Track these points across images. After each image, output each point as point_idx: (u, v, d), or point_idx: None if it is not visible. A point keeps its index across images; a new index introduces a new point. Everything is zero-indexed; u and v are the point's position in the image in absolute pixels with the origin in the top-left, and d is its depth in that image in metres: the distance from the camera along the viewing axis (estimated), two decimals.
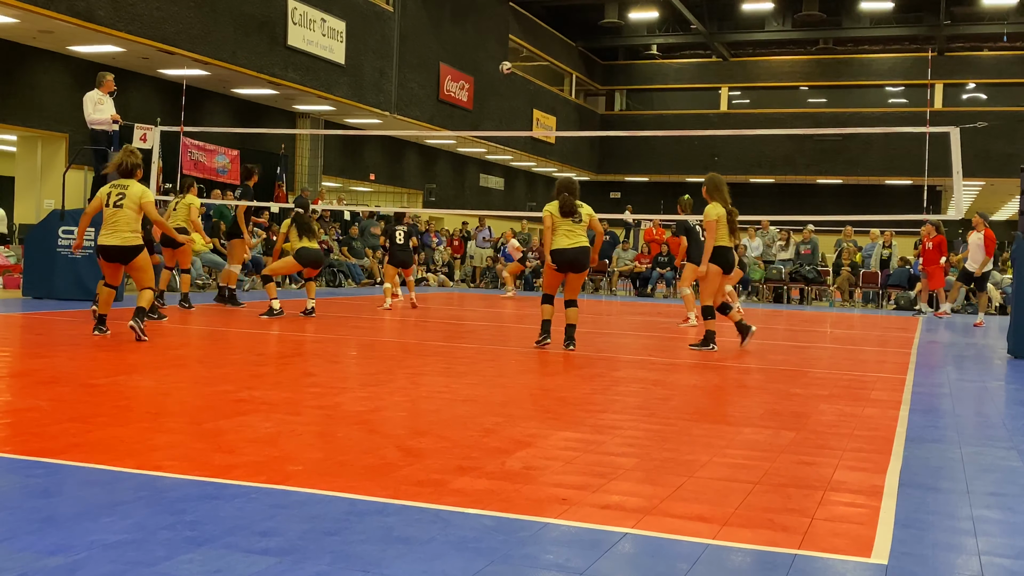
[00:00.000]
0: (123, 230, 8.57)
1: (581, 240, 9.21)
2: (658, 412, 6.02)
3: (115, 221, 8.56)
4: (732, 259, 9.86)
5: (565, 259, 9.20)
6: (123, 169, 8.78)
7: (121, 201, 8.58)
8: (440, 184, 29.90)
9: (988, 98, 34.02)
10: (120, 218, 8.55)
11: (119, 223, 8.55)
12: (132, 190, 8.63)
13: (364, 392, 6.28)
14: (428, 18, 25.39)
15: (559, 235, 9.19)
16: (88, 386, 6.07)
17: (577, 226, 9.20)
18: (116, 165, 8.83)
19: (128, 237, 8.59)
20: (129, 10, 16.12)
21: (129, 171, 8.76)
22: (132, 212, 8.58)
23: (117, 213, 8.55)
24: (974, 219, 16.54)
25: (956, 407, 6.86)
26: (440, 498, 3.69)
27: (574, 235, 9.19)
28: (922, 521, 3.70)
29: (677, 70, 37.70)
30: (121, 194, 8.62)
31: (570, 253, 9.17)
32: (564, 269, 9.26)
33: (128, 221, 8.57)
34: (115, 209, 8.56)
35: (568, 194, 9.26)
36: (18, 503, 3.46)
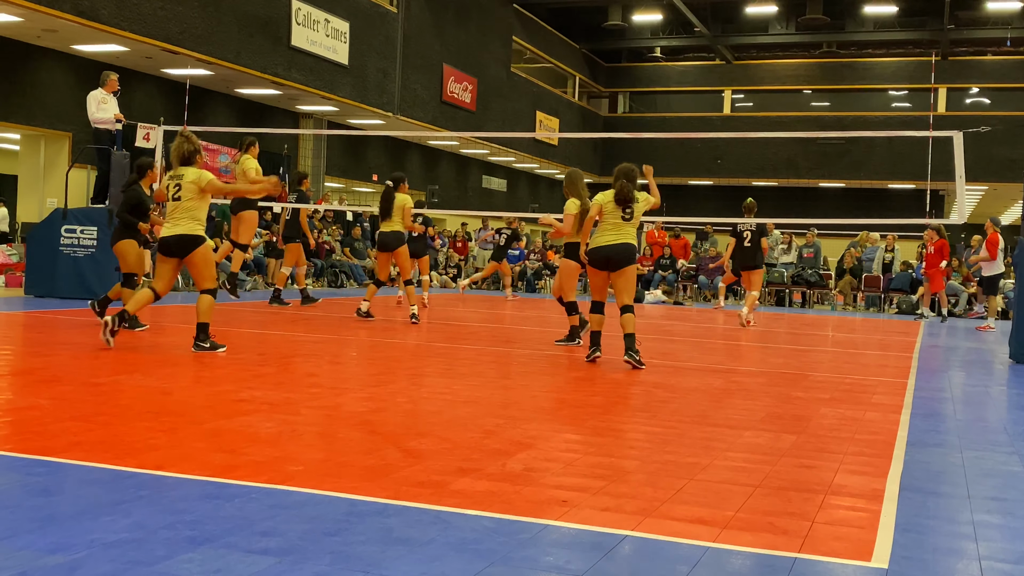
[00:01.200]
0: (183, 221, 8.01)
1: (626, 237, 8.37)
2: (659, 415, 6.02)
3: (175, 214, 8.03)
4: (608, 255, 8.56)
5: (600, 256, 8.39)
6: (183, 158, 8.19)
7: (178, 193, 8.03)
8: (442, 185, 29.91)
9: (991, 102, 34.00)
10: (180, 209, 8.02)
11: (178, 214, 8.02)
12: (187, 177, 8.06)
13: (365, 393, 6.28)
14: (432, 19, 25.40)
15: (602, 230, 8.39)
16: (89, 385, 6.07)
17: (625, 224, 8.37)
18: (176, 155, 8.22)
19: (188, 227, 7.99)
20: (133, 9, 16.13)
21: (187, 159, 8.18)
22: (193, 200, 8.01)
23: (177, 206, 8.02)
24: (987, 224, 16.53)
25: (957, 411, 6.86)
26: (440, 499, 3.69)
27: (619, 231, 8.37)
28: (922, 525, 3.69)
29: (680, 73, 37.70)
30: (178, 185, 8.06)
31: (604, 251, 8.35)
32: (600, 267, 8.42)
33: (189, 210, 8.01)
34: (175, 203, 8.05)
35: (627, 181, 8.42)
36: (19, 501, 3.46)
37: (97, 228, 13.08)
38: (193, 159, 8.17)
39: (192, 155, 8.16)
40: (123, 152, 13.46)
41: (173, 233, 7.98)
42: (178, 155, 8.17)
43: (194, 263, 8.08)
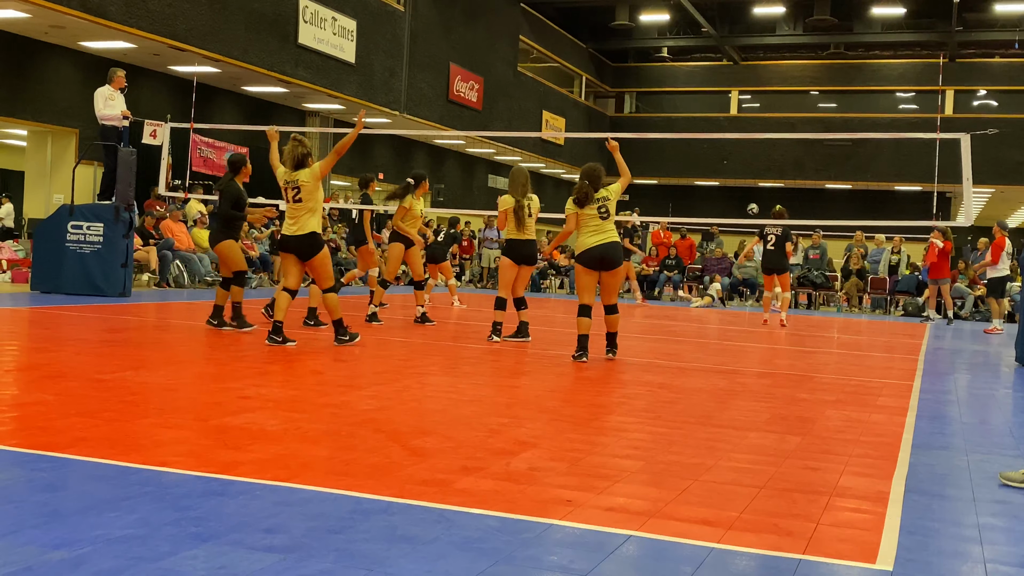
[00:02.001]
0: (303, 218, 8.33)
1: (610, 236, 8.43)
2: (663, 415, 6.01)
3: (295, 214, 8.36)
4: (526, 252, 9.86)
5: (593, 257, 8.42)
6: (297, 161, 8.37)
7: (299, 195, 8.32)
8: (448, 184, 29.91)
9: (999, 105, 33.91)
10: (301, 209, 8.34)
11: (298, 214, 8.34)
12: (303, 178, 8.33)
13: (370, 391, 6.28)
14: (439, 18, 25.40)
15: (583, 234, 8.45)
16: (95, 381, 6.08)
17: (603, 222, 8.43)
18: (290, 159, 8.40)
19: (309, 224, 8.33)
20: (141, 6, 16.15)
21: (301, 162, 8.35)
22: (313, 200, 8.32)
23: (298, 208, 8.33)
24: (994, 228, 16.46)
25: (963, 414, 6.84)
26: (445, 498, 3.69)
27: (601, 231, 8.42)
28: (927, 528, 3.69)
29: (687, 73, 37.66)
30: (296, 188, 8.34)
31: (597, 250, 8.40)
32: (595, 267, 8.47)
33: (309, 209, 8.34)
34: (296, 204, 8.33)
35: (588, 181, 8.49)
36: (23, 497, 3.46)
37: (103, 224, 13.11)
38: (306, 162, 8.35)
39: (305, 158, 8.36)
40: (130, 149, 13.48)
41: (296, 233, 8.32)
42: (292, 159, 8.36)
43: (313, 266, 8.45)
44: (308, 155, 8.41)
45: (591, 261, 8.44)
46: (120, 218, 13.16)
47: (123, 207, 13.25)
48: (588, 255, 8.43)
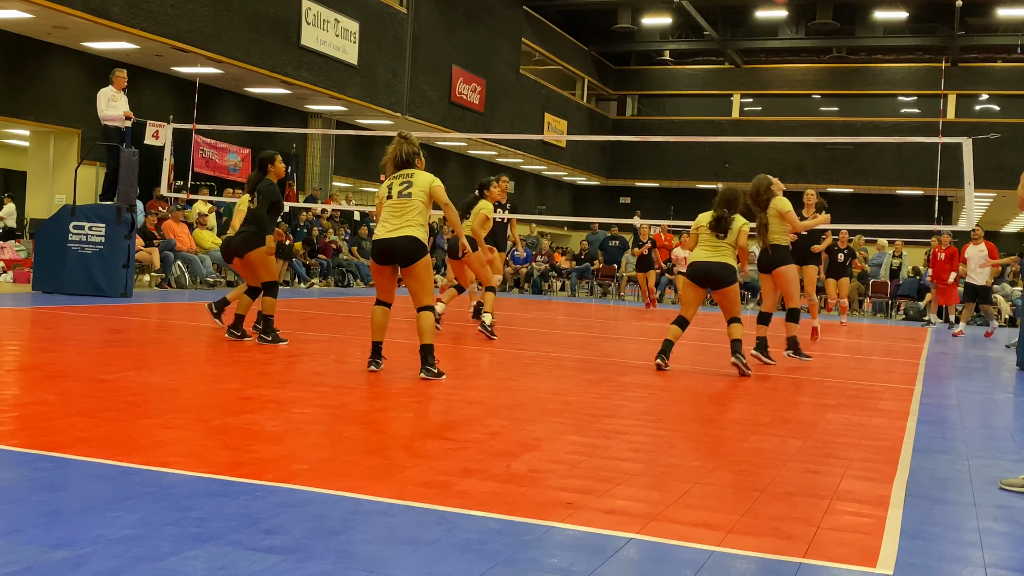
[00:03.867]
0: (410, 224, 6.97)
1: (723, 256, 8.36)
2: (665, 418, 6.01)
3: (400, 213, 6.99)
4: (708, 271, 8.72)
5: (698, 271, 8.42)
6: (400, 160, 7.25)
7: (408, 189, 7.03)
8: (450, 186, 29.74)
9: (1001, 109, 33.91)
10: (408, 209, 7.00)
11: (406, 215, 6.98)
12: (420, 177, 7.11)
13: (371, 392, 6.28)
14: (441, 20, 25.41)
15: (699, 248, 8.44)
16: (96, 381, 6.08)
17: (721, 242, 8.37)
18: (392, 158, 7.28)
19: (415, 230, 6.96)
20: (143, 7, 16.17)
21: (407, 161, 7.24)
22: (422, 204, 7.04)
23: (406, 204, 7.00)
24: (974, 232, 16.41)
25: (964, 419, 6.84)
26: (445, 499, 3.69)
27: (717, 250, 8.36)
28: (928, 532, 3.69)
29: (689, 76, 37.66)
30: (407, 182, 7.07)
31: (703, 266, 8.37)
32: (701, 283, 8.43)
33: (417, 213, 7.01)
34: (402, 200, 7.01)
35: (727, 209, 8.37)
36: (25, 496, 3.47)
37: (105, 225, 13.12)
38: (413, 161, 7.26)
39: (412, 157, 7.25)
40: (132, 149, 13.49)
41: (392, 235, 6.95)
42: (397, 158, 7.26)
43: (415, 275, 7.01)
44: (416, 155, 7.31)
45: (697, 276, 8.42)
46: (122, 218, 13.17)
47: (125, 207, 13.26)
48: (694, 268, 8.44)
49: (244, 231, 8.79)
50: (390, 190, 7.07)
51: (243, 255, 8.77)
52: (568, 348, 10.22)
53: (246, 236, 8.73)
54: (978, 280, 16.22)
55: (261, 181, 8.77)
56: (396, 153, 7.22)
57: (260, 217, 8.66)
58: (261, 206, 8.68)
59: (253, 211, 8.73)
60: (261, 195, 8.71)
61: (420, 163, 7.27)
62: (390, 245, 6.92)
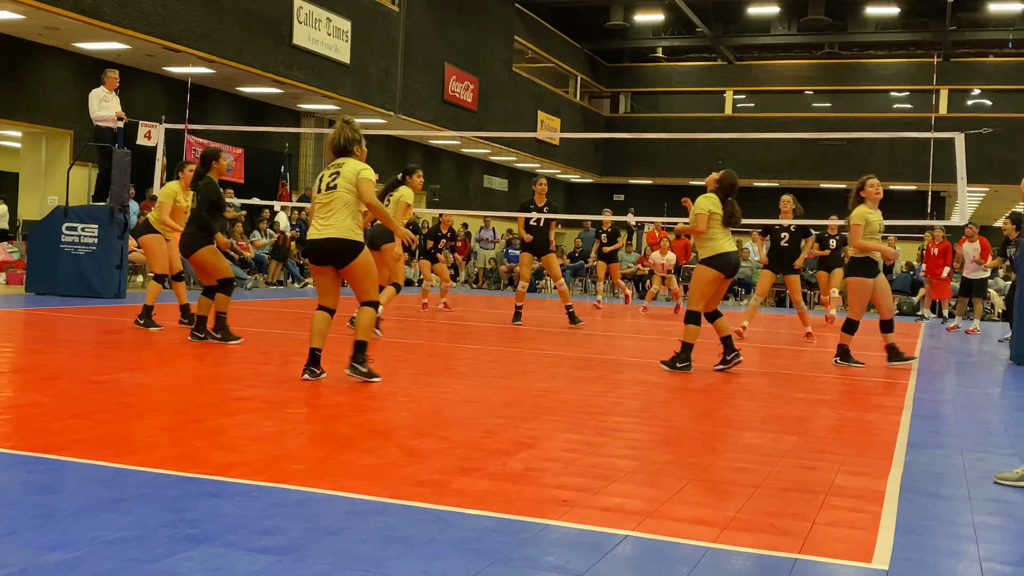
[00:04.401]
0: (339, 221, 6.53)
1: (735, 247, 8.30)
2: (660, 415, 6.02)
3: (329, 209, 6.55)
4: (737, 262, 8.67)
5: (731, 264, 8.15)
6: (338, 147, 6.74)
7: (335, 181, 6.55)
8: (444, 185, 29.89)
9: (993, 104, 33.98)
10: (333, 204, 6.54)
11: (334, 210, 6.54)
12: (348, 167, 6.60)
13: (366, 392, 6.28)
14: (434, 19, 25.38)
15: (722, 239, 8.11)
16: (90, 382, 6.07)
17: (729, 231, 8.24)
18: (330, 144, 6.78)
19: (346, 229, 6.53)
20: (135, 7, 16.13)
21: (344, 148, 6.73)
22: (349, 196, 6.53)
23: (331, 197, 6.54)
24: (968, 228, 16.42)
25: (958, 413, 6.86)
26: (441, 498, 3.69)
27: (732, 240, 8.24)
28: (923, 527, 3.69)
29: (682, 73, 37.67)
30: (336, 172, 6.59)
31: (736, 257, 8.18)
32: (731, 274, 8.18)
33: (342, 208, 6.53)
34: (328, 192, 6.55)
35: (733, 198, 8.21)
36: (19, 499, 3.46)
37: (98, 226, 13.09)
38: (352, 148, 6.74)
39: (350, 144, 6.73)
40: (124, 150, 13.47)
41: (324, 236, 6.54)
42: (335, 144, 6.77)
43: (353, 275, 6.64)
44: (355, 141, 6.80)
45: (730, 267, 8.11)
46: (115, 219, 13.15)
47: (118, 208, 13.24)
48: (727, 260, 8.10)
49: (186, 233, 8.74)
50: (320, 182, 6.65)
51: (188, 256, 8.74)
52: (563, 346, 10.22)
53: (188, 238, 8.68)
54: (972, 275, 16.25)
55: (202, 179, 8.71)
56: (335, 139, 6.73)
57: (201, 218, 8.60)
58: (201, 206, 8.61)
59: (195, 212, 8.71)
60: (201, 195, 8.65)
61: (359, 152, 6.78)
62: (316, 247, 6.55)
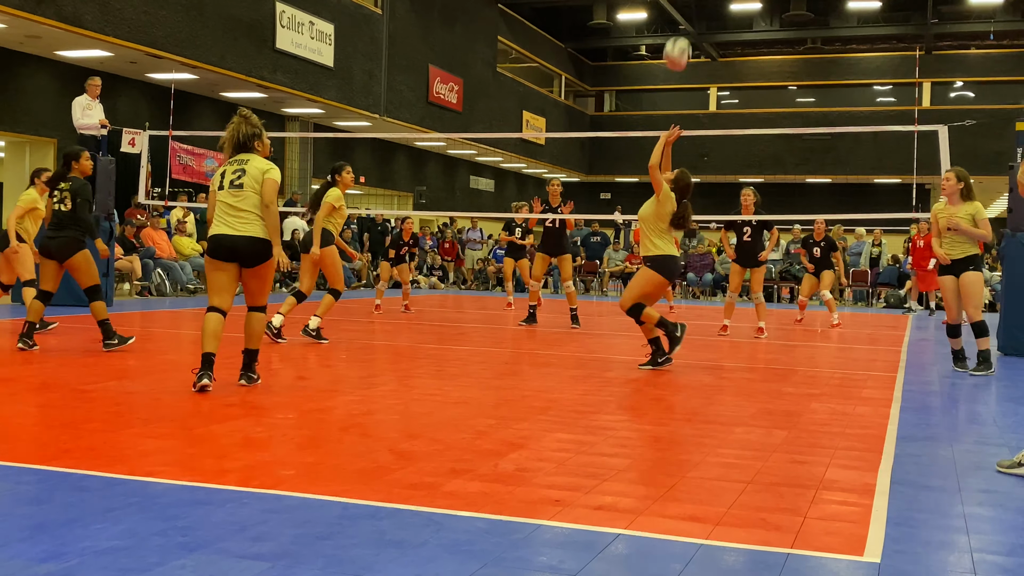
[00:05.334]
0: (248, 218, 6.20)
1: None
2: (650, 413, 6.03)
3: (238, 208, 6.21)
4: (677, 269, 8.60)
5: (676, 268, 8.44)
6: (238, 143, 6.47)
7: (241, 179, 6.23)
8: (430, 186, 29.88)
9: (976, 96, 34.14)
10: (244, 201, 6.21)
11: (245, 210, 6.20)
12: (254, 165, 6.31)
13: (355, 395, 6.27)
14: (417, 20, 25.36)
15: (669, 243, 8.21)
16: (78, 392, 6.05)
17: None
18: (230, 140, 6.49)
19: (257, 228, 6.21)
20: (116, 14, 16.07)
21: (245, 144, 6.46)
22: (257, 195, 6.24)
23: (240, 196, 6.20)
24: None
25: (947, 405, 6.89)
26: (433, 501, 3.69)
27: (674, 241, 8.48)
28: (914, 519, 3.71)
29: (666, 71, 37.63)
30: (240, 170, 6.28)
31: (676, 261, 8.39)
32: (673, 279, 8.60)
33: (254, 206, 6.22)
34: (235, 191, 6.21)
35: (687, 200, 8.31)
36: (9, 510, 3.44)
37: None
38: (252, 144, 6.47)
39: (250, 139, 6.47)
40: (109, 158, 13.41)
41: (232, 232, 6.19)
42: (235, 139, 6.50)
43: (259, 275, 6.36)
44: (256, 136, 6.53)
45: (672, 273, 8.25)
46: (100, 228, 13.09)
47: (103, 216, 13.18)
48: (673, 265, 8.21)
49: (63, 236, 8.17)
50: (222, 179, 6.31)
51: (63, 260, 8.23)
52: (552, 345, 10.23)
53: (67, 241, 8.17)
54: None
55: (72, 181, 8.29)
56: (234, 135, 6.45)
57: (84, 220, 8.21)
58: (82, 209, 8.21)
59: (74, 214, 8.20)
60: (81, 196, 8.22)
61: (261, 147, 6.48)
62: (233, 243, 6.16)
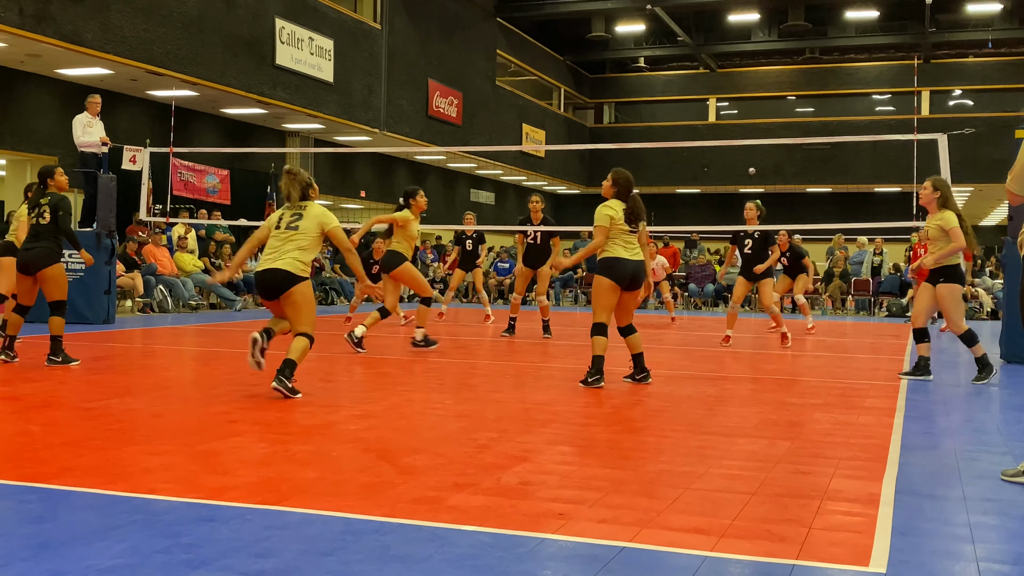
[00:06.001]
0: (286, 255, 6.85)
1: (639, 254, 7.67)
2: (653, 424, 6.01)
3: (281, 245, 6.92)
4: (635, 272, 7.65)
5: (627, 272, 7.56)
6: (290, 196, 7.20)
7: (297, 222, 6.97)
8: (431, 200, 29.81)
9: (975, 104, 34.18)
10: (290, 240, 6.92)
11: (286, 246, 6.90)
12: (312, 211, 7.04)
13: (358, 410, 6.26)
14: (416, 35, 25.44)
15: (616, 245, 7.60)
16: (80, 409, 6.04)
17: (634, 237, 7.68)
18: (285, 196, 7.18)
19: (294, 264, 6.83)
20: (116, 32, 16.12)
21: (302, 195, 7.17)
22: (310, 238, 6.94)
23: (290, 236, 6.93)
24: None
25: (950, 414, 6.87)
26: (437, 515, 3.68)
27: (632, 248, 7.64)
28: (919, 529, 3.70)
29: (665, 82, 37.80)
30: (298, 214, 7.01)
31: (632, 265, 7.56)
32: (626, 285, 7.61)
33: (297, 247, 6.89)
34: (288, 232, 6.95)
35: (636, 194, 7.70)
36: (12, 529, 3.43)
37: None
38: (307, 193, 7.17)
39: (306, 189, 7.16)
40: (110, 175, 13.44)
41: (272, 266, 6.84)
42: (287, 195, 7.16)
43: (293, 302, 6.85)
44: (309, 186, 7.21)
45: (624, 276, 7.56)
46: (102, 245, 13.11)
47: (105, 234, 13.20)
48: (623, 268, 7.55)
49: (40, 247, 8.33)
50: (280, 220, 7.06)
51: (34, 272, 8.36)
52: (553, 358, 10.22)
53: (42, 252, 8.33)
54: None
55: (49, 196, 8.46)
56: (287, 193, 7.14)
57: (66, 231, 8.42)
58: (63, 221, 8.40)
59: (54, 226, 8.36)
60: (62, 209, 8.42)
61: (314, 193, 7.23)
62: (264, 277, 6.88)
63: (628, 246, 7.62)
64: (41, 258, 8.31)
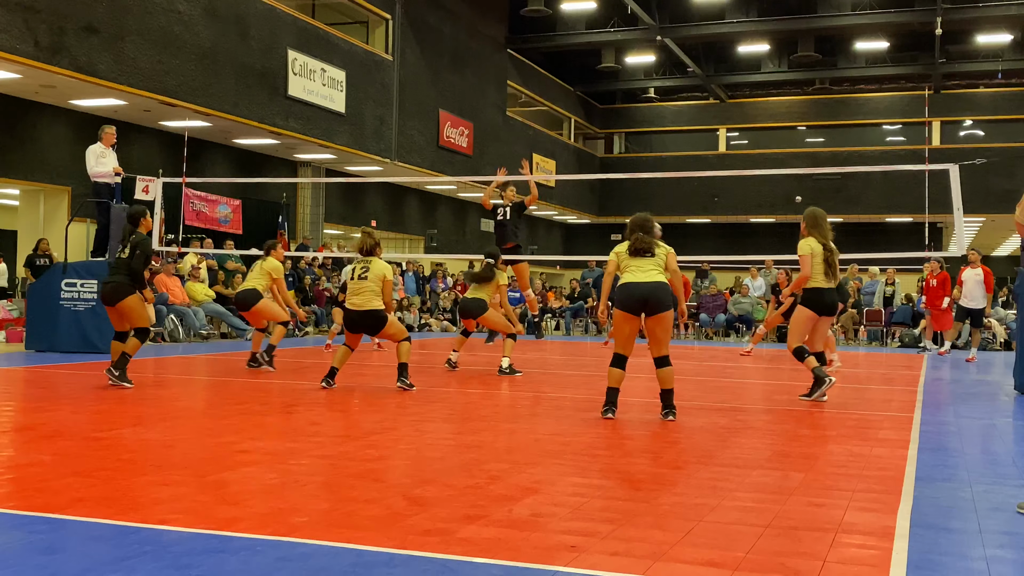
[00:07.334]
0: (367, 301, 9.18)
1: (655, 276, 7.34)
2: (665, 456, 5.98)
3: (359, 292, 9.23)
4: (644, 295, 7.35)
5: (633, 295, 7.29)
6: (364, 251, 9.40)
7: (365, 274, 9.25)
8: (441, 229, 29.98)
9: (986, 134, 34.19)
10: (364, 289, 9.21)
11: (363, 293, 9.21)
12: (375, 267, 9.27)
13: (368, 441, 6.24)
14: (427, 66, 25.60)
15: (627, 272, 7.44)
16: (91, 439, 6.04)
17: (649, 261, 7.42)
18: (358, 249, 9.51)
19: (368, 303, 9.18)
20: (130, 64, 16.27)
21: (370, 251, 9.36)
22: (376, 286, 9.20)
23: (361, 284, 9.24)
24: (971, 255, 16.41)
25: (964, 445, 6.82)
26: (447, 547, 3.65)
27: (645, 270, 7.38)
28: (935, 562, 3.66)
29: (675, 112, 37.93)
30: (366, 268, 9.28)
31: (641, 288, 7.29)
32: (635, 310, 7.34)
33: (370, 292, 9.20)
34: (359, 282, 9.26)
35: (643, 233, 7.49)
36: (22, 560, 3.42)
37: (97, 281, 13.09)
38: (374, 252, 9.38)
39: (373, 248, 9.40)
40: (122, 205, 13.51)
41: (362, 309, 9.21)
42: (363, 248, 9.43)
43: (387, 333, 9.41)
44: (376, 245, 9.42)
45: (632, 301, 7.33)
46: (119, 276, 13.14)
47: None
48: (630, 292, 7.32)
49: (114, 280, 9.17)
50: (353, 272, 9.43)
51: (114, 303, 9.11)
52: (564, 388, 10.19)
53: (116, 285, 9.12)
54: (973, 304, 16.20)
55: (135, 235, 9.29)
56: (361, 245, 9.49)
57: (136, 271, 9.12)
58: (138, 260, 9.15)
59: (128, 262, 9.16)
60: (140, 249, 9.20)
61: (380, 252, 9.44)
62: (356, 317, 9.31)
63: (638, 270, 7.43)
64: (114, 292, 9.11)
